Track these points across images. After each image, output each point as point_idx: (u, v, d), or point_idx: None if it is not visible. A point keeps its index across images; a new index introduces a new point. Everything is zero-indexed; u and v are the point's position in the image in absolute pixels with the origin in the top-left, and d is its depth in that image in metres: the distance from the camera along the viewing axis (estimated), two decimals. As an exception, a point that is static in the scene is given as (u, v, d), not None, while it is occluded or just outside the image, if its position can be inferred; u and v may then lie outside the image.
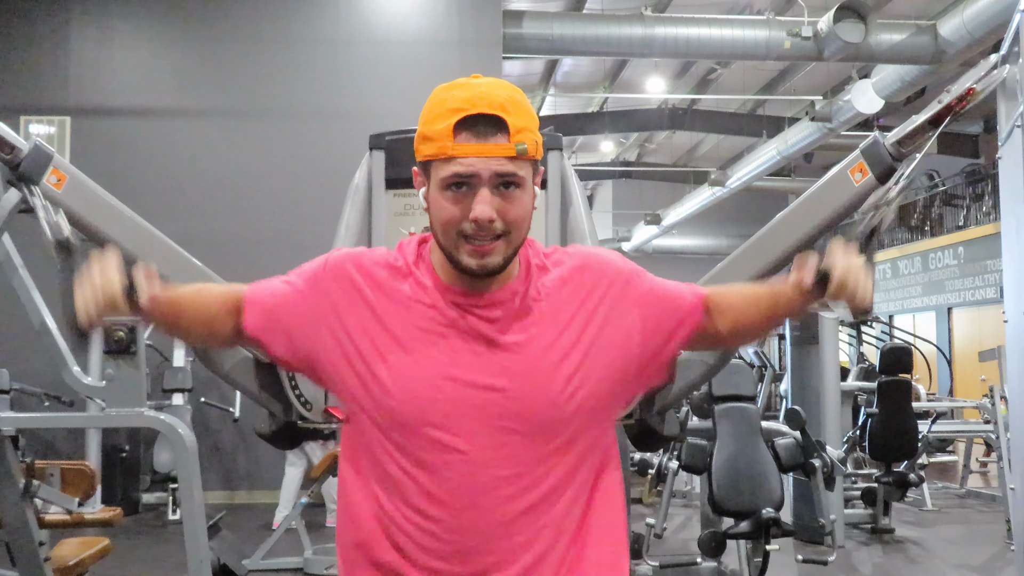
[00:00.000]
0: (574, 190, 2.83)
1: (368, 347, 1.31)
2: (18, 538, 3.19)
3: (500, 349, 1.29)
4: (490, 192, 1.24)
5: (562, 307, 1.32)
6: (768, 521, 4.00)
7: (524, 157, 1.25)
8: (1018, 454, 2.91)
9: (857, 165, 2.36)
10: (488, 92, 1.26)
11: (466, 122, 1.24)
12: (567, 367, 1.30)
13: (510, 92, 1.28)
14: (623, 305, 1.35)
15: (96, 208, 2.43)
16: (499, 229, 1.25)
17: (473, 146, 1.24)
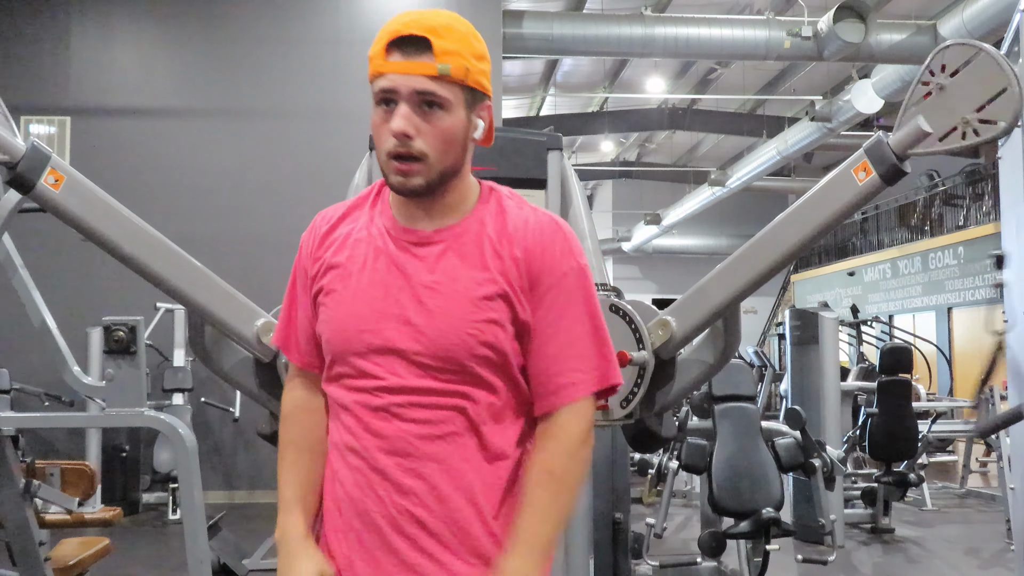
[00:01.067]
0: (574, 190, 2.84)
1: (323, 286, 1.42)
2: (18, 538, 3.18)
3: (422, 287, 1.35)
4: (411, 109, 1.30)
5: (497, 258, 1.36)
6: (768, 521, 4.00)
7: (447, 78, 1.29)
8: (1018, 454, 2.91)
9: (861, 164, 2.35)
10: (422, 17, 1.31)
11: (397, 42, 1.30)
12: (476, 313, 1.33)
13: (448, 20, 1.32)
14: (543, 286, 1.37)
15: (94, 209, 2.43)
16: (417, 148, 1.30)
17: (398, 63, 1.30)
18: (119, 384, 3.18)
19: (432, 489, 1.35)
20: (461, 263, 1.36)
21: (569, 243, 1.41)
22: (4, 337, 7.44)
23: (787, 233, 2.49)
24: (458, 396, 1.36)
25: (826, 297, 17.30)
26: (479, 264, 1.36)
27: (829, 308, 7.19)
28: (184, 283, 2.51)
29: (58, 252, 6.85)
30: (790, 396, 6.61)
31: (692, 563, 4.67)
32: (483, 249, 1.37)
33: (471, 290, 1.35)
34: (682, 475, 6.97)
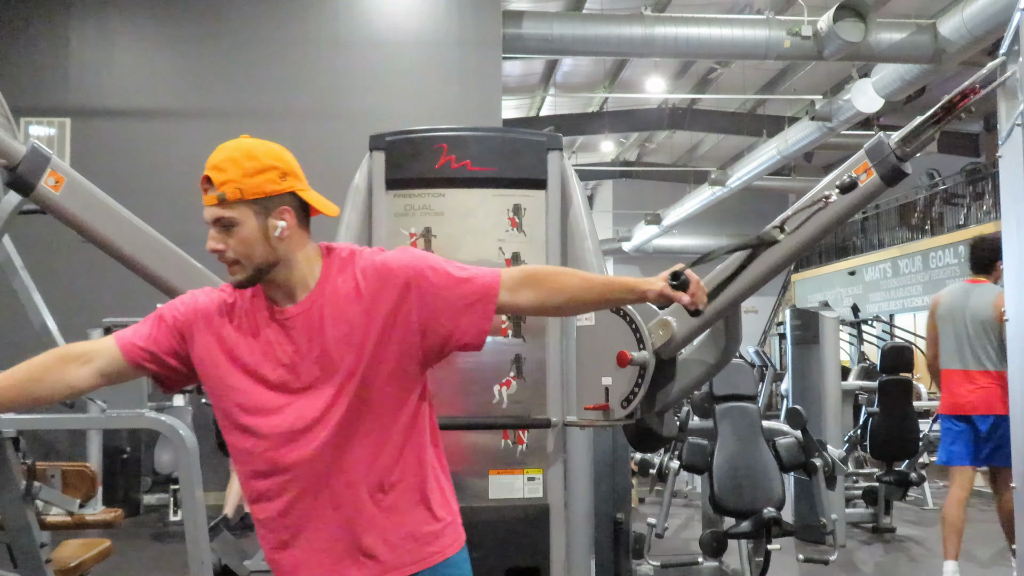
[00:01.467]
0: (574, 190, 2.83)
1: (217, 366, 1.73)
2: (19, 540, 3.18)
3: (308, 350, 1.68)
4: (216, 231, 1.67)
5: (348, 308, 1.69)
6: (769, 520, 4.00)
7: (225, 203, 1.64)
8: (1018, 453, 2.91)
9: (861, 165, 2.36)
10: (212, 157, 1.66)
11: (203, 180, 1.65)
12: (353, 355, 1.67)
13: (227, 153, 1.66)
14: (408, 303, 1.70)
15: (94, 210, 2.43)
16: (230, 257, 1.67)
17: (204, 197, 1.66)
18: (119, 385, 3.18)
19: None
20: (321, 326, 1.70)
21: (393, 270, 1.73)
22: (4, 338, 7.43)
23: (787, 234, 2.49)
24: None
25: (827, 296, 17.29)
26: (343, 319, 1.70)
27: (830, 307, 7.19)
28: (184, 284, 2.51)
29: (58, 253, 6.84)
30: (791, 396, 6.61)
31: (693, 563, 4.66)
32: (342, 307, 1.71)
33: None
34: (683, 475, 6.97)
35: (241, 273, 1.68)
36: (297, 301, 1.70)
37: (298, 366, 1.67)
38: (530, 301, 1.74)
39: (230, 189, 1.63)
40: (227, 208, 1.64)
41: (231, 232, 1.65)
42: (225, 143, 1.69)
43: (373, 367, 1.66)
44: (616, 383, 2.58)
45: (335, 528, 1.68)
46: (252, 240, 1.66)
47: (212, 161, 1.65)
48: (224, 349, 1.71)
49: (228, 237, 1.66)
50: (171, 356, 1.74)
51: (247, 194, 1.64)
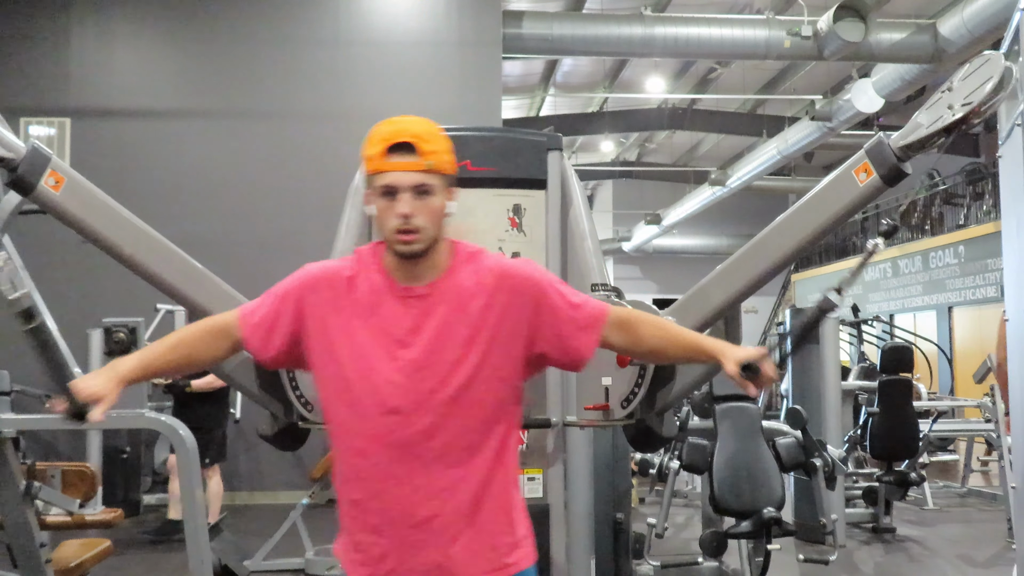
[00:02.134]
0: (574, 190, 2.83)
1: (330, 337, 1.77)
2: (19, 540, 3.19)
3: (421, 330, 1.74)
4: (410, 196, 1.70)
5: (469, 301, 1.76)
6: (769, 520, 3.99)
7: (432, 171, 1.71)
8: (1019, 453, 2.90)
9: (862, 165, 2.36)
10: (407, 127, 1.73)
11: (392, 147, 1.70)
12: (462, 346, 1.74)
13: (424, 126, 1.74)
14: (525, 311, 1.78)
15: (94, 210, 2.43)
16: (416, 224, 1.70)
17: (396, 163, 1.70)
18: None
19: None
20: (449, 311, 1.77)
21: (523, 279, 1.83)
22: (5, 338, 7.43)
23: (788, 234, 2.50)
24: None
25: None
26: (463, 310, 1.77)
27: (830, 307, 7.17)
28: (184, 284, 2.51)
29: (58, 254, 6.84)
30: (791, 396, 6.61)
31: (693, 563, 4.67)
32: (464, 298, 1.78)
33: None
34: (683, 475, 6.97)
35: (418, 244, 1.72)
36: (424, 283, 1.76)
37: (412, 346, 1.73)
38: (621, 342, 1.85)
39: (438, 160, 1.72)
40: (430, 176, 1.71)
41: (424, 201, 1.71)
42: (400, 117, 1.76)
43: (480, 363, 1.73)
44: (616, 383, 2.58)
45: (424, 520, 1.72)
46: (437, 212, 1.74)
47: (409, 129, 1.71)
48: (340, 320, 1.76)
49: (419, 203, 1.71)
50: (282, 332, 1.80)
51: (446, 168, 1.75)
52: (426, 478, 1.72)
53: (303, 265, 1.85)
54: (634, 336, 1.84)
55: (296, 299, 1.80)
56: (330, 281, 1.79)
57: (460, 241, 1.85)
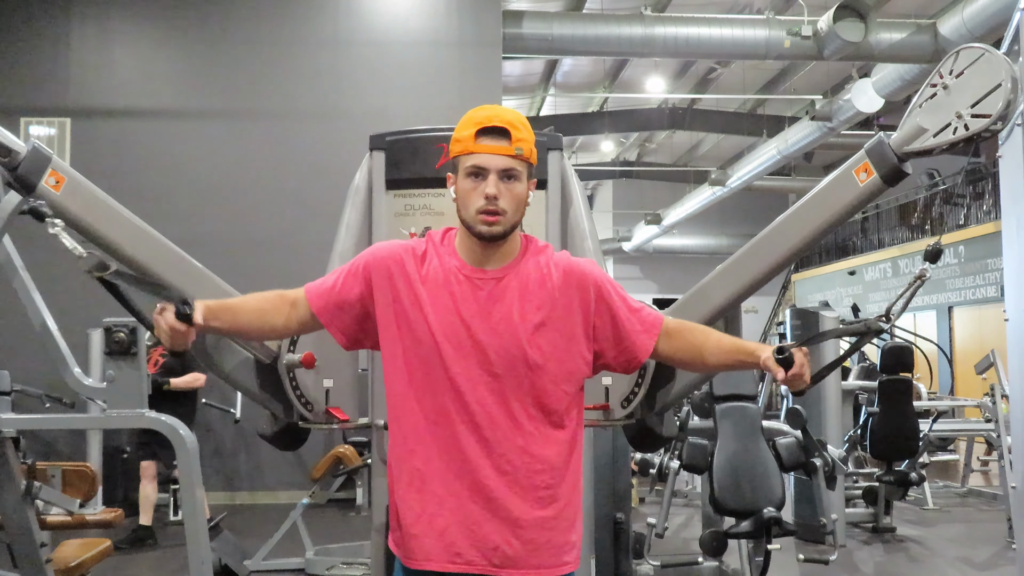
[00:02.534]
0: (574, 190, 2.83)
1: (401, 311, 1.82)
2: (19, 539, 3.19)
3: (490, 312, 1.79)
4: (497, 179, 1.77)
5: (536, 291, 1.81)
6: (769, 520, 3.99)
7: (520, 157, 1.79)
8: (1019, 452, 2.91)
9: (862, 165, 2.35)
10: (500, 113, 1.81)
11: (484, 131, 1.78)
12: (530, 332, 1.78)
13: (516, 115, 1.82)
14: (588, 308, 1.84)
15: (95, 210, 2.43)
16: (501, 206, 1.76)
17: (487, 146, 1.77)
18: (120, 385, 3.19)
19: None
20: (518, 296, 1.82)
21: (585, 274, 1.88)
22: (5, 339, 7.44)
23: (788, 234, 2.50)
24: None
25: (827, 296, 17.30)
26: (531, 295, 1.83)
27: (830, 307, 7.19)
28: (184, 284, 2.51)
29: (58, 254, 6.82)
30: (791, 395, 6.61)
31: (693, 563, 4.67)
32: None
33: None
34: (683, 475, 6.97)
35: (500, 226, 1.77)
36: (494, 268, 1.81)
37: (477, 329, 1.77)
38: (669, 349, 1.90)
39: (527, 147, 1.79)
40: (519, 162, 1.78)
41: (510, 185, 1.77)
42: (488, 106, 1.84)
43: (544, 353, 1.78)
44: (616, 383, 2.58)
45: (493, 498, 1.75)
46: (521, 198, 1.80)
47: (502, 116, 1.78)
48: (410, 295, 1.80)
49: (506, 188, 1.77)
50: (352, 306, 1.84)
51: (533, 157, 1.81)
52: (492, 457, 1.76)
53: (302, 264, 1.89)
54: (682, 343, 1.89)
55: (365, 275, 1.84)
56: (401, 258, 1.83)
57: (530, 235, 1.91)
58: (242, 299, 1.89)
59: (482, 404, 1.76)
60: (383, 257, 1.85)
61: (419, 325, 1.79)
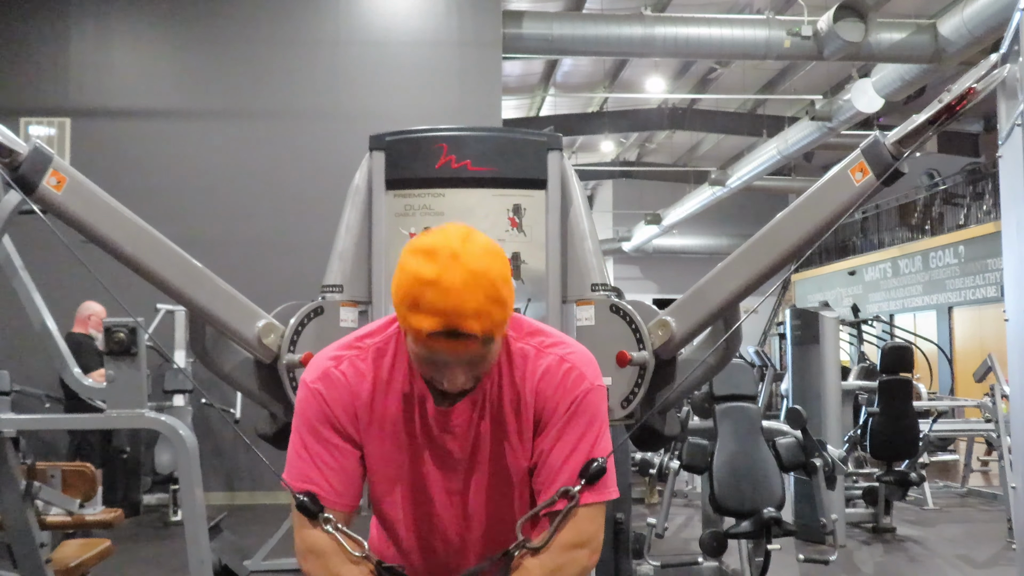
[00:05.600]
0: (574, 190, 2.83)
1: (367, 456, 1.55)
2: (19, 540, 3.18)
3: (460, 461, 1.53)
4: (462, 369, 1.41)
5: (515, 418, 1.51)
6: (769, 520, 4.00)
7: (491, 340, 1.39)
8: (1019, 453, 2.90)
9: (858, 165, 2.36)
10: (461, 304, 1.32)
11: (438, 333, 1.34)
12: (513, 476, 1.53)
13: (484, 293, 1.33)
14: (556, 415, 1.51)
15: (96, 210, 2.43)
16: (470, 386, 1.45)
17: (446, 345, 1.36)
18: (119, 385, 3.18)
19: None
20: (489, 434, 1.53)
21: (566, 380, 1.51)
22: (5, 339, 7.44)
23: (785, 234, 2.50)
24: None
25: (827, 296, 17.31)
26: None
27: (830, 307, 7.19)
28: (185, 284, 2.52)
29: (58, 254, 6.83)
30: (791, 396, 6.61)
31: (693, 563, 4.67)
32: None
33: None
34: (683, 475, 6.97)
35: (468, 388, 1.46)
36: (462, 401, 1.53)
37: (455, 474, 1.57)
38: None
39: (499, 330, 1.40)
40: (487, 345, 1.40)
41: (478, 365, 1.43)
42: (448, 270, 1.33)
43: (522, 486, 1.60)
44: (616, 383, 2.58)
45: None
46: (495, 357, 1.47)
47: (466, 309, 1.32)
48: (370, 443, 1.55)
49: (473, 370, 1.43)
50: (355, 457, 1.54)
51: (504, 325, 1.43)
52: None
53: (302, 264, 1.78)
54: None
55: (332, 423, 1.52)
56: (347, 401, 1.52)
57: (515, 326, 1.55)
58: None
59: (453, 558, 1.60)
60: (331, 403, 1.53)
61: (385, 478, 1.57)
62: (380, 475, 1.55)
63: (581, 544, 1.48)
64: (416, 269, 1.34)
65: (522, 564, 1.47)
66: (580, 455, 1.48)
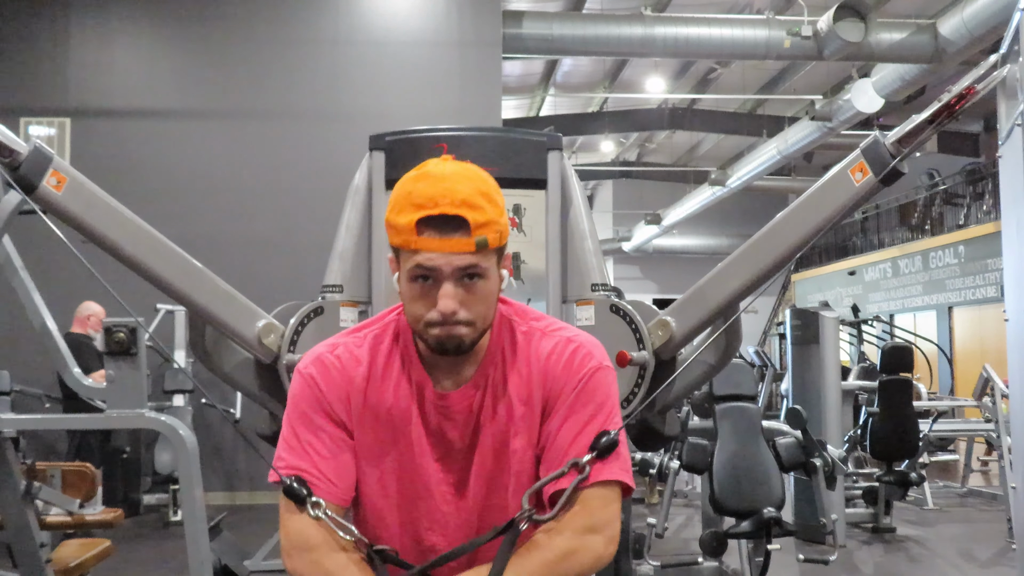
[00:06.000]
0: (574, 190, 2.83)
1: (358, 452, 1.45)
2: (19, 540, 3.18)
3: (460, 450, 1.43)
4: (453, 285, 1.31)
5: (520, 402, 1.42)
6: (769, 520, 4.00)
7: (485, 249, 1.31)
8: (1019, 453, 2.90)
9: (857, 165, 2.36)
10: (452, 188, 1.29)
11: (428, 219, 1.29)
12: (514, 465, 1.42)
13: (474, 184, 1.31)
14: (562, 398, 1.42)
15: (96, 210, 2.43)
16: (463, 318, 1.32)
17: (435, 241, 1.29)
18: (119, 385, 3.18)
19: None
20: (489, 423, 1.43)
21: (572, 359, 1.43)
22: (4, 339, 7.44)
23: (785, 234, 2.50)
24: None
25: (827, 296, 17.30)
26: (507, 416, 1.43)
27: (830, 307, 7.19)
28: (185, 284, 2.52)
29: (58, 254, 6.84)
30: (791, 396, 6.61)
31: (693, 563, 4.67)
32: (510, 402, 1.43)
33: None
34: (683, 475, 6.97)
35: (465, 340, 1.35)
36: (463, 384, 1.43)
37: (454, 472, 1.46)
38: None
39: (492, 233, 1.31)
40: (482, 257, 1.31)
41: (474, 287, 1.33)
42: (438, 166, 1.34)
43: (529, 478, 1.47)
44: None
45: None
46: (492, 297, 1.37)
47: (455, 196, 1.29)
48: (361, 436, 1.46)
49: (467, 293, 1.33)
50: (349, 449, 1.45)
51: (503, 237, 1.35)
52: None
53: (302, 264, 1.68)
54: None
55: (325, 409, 1.44)
56: (341, 386, 1.44)
57: (515, 309, 1.48)
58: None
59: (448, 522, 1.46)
60: (325, 389, 1.45)
61: (378, 479, 1.46)
62: (372, 467, 1.44)
63: (595, 529, 1.36)
64: (406, 178, 1.35)
65: (533, 540, 1.35)
66: (589, 436, 1.38)
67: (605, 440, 1.37)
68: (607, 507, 1.37)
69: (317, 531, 1.37)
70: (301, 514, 1.38)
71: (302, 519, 1.38)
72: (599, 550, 1.36)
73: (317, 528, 1.38)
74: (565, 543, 1.34)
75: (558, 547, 1.34)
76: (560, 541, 1.34)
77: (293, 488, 1.39)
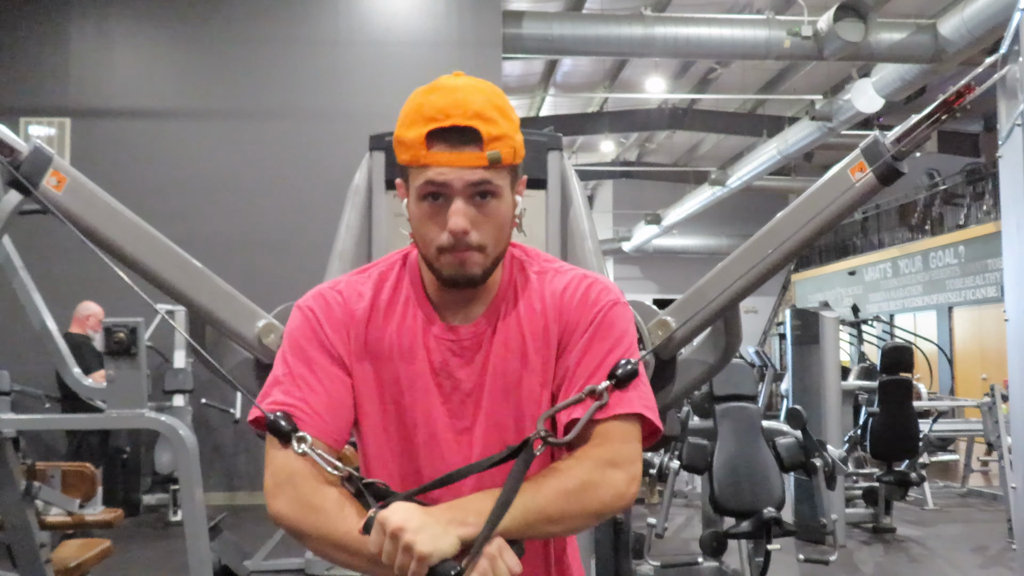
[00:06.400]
0: (574, 190, 2.83)
1: (359, 390, 1.35)
2: (19, 540, 3.19)
3: (468, 391, 1.33)
4: (464, 203, 1.23)
5: (534, 338, 1.33)
6: (769, 521, 3.99)
7: (498, 165, 1.24)
8: (1019, 453, 2.91)
9: (857, 164, 2.36)
10: (464, 99, 1.23)
11: (439, 131, 1.22)
12: (527, 409, 1.32)
13: (487, 97, 1.25)
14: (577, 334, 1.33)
15: (96, 210, 2.43)
16: (475, 241, 1.25)
17: (445, 155, 1.22)
18: (119, 386, 3.19)
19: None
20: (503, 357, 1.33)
21: (588, 294, 1.35)
22: (4, 339, 7.44)
23: (784, 234, 2.50)
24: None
25: (827, 296, 17.30)
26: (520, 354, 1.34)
27: (830, 308, 7.20)
28: (185, 284, 2.52)
29: (58, 254, 6.84)
30: (791, 396, 6.61)
31: (693, 563, 4.67)
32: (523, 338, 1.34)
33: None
34: (683, 475, 6.97)
35: (477, 267, 1.27)
36: (474, 319, 1.34)
37: (463, 413, 1.36)
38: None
39: (506, 148, 1.24)
40: (495, 173, 1.24)
41: (486, 207, 1.25)
42: (449, 80, 1.28)
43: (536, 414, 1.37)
44: (616, 383, 2.57)
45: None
46: (505, 220, 1.28)
47: (466, 105, 1.23)
48: (362, 371, 1.36)
49: (480, 214, 1.25)
50: (347, 389, 1.34)
51: (518, 155, 1.27)
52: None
53: (302, 264, 1.60)
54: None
55: (322, 342, 1.34)
56: (341, 320, 1.34)
57: (526, 251, 1.41)
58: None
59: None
60: (325, 320, 1.36)
61: (380, 417, 1.36)
62: (373, 409, 1.34)
63: (617, 464, 1.26)
64: (416, 92, 1.28)
65: (550, 467, 1.25)
66: (607, 369, 1.29)
67: (624, 369, 1.29)
68: (628, 443, 1.29)
69: (303, 466, 1.25)
70: (286, 450, 1.25)
71: (287, 454, 1.25)
72: (620, 487, 1.26)
73: (303, 463, 1.25)
74: (585, 473, 1.24)
75: (577, 477, 1.23)
76: (579, 471, 1.24)
77: (279, 424, 1.25)
